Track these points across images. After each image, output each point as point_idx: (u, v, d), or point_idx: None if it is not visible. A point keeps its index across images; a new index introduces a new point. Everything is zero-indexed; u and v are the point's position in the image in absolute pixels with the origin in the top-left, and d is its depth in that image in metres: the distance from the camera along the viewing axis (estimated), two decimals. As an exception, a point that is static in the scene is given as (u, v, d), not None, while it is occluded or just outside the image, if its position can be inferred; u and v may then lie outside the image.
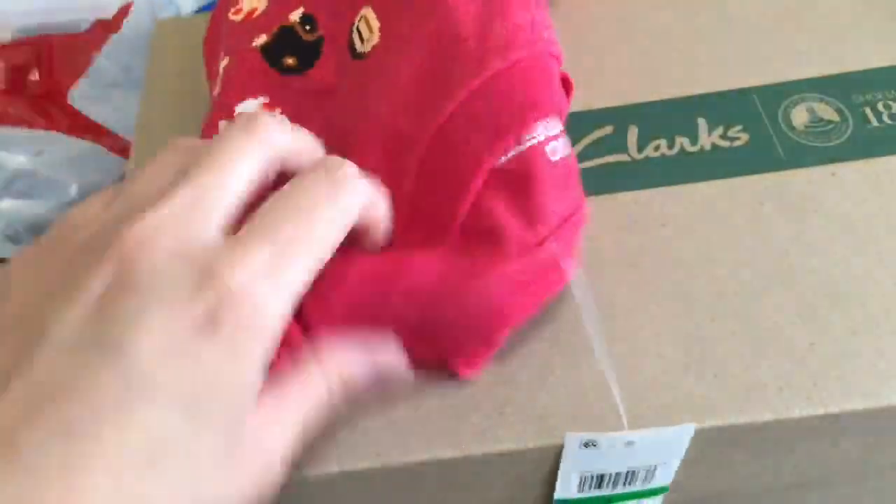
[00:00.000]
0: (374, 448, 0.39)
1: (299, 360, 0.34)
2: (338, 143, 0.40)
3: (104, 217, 0.31)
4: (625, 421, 0.39)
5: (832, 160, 0.47)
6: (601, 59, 0.54)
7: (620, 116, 0.50)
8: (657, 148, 0.49)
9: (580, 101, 0.51)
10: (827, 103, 0.49)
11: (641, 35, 0.55)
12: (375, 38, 0.45)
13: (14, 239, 0.73)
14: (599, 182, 0.47)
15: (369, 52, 0.45)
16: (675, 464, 0.41)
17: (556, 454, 0.39)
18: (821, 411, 0.39)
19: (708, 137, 0.49)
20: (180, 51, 0.60)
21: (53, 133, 0.77)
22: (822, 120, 0.49)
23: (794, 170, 0.47)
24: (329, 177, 0.33)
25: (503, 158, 0.39)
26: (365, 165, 0.36)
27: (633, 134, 0.49)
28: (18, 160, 0.77)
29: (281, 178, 0.34)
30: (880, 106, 0.49)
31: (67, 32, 0.77)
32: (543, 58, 0.41)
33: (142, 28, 0.75)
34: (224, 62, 0.50)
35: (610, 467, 0.41)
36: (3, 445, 0.25)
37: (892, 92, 0.49)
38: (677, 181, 0.47)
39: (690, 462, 0.42)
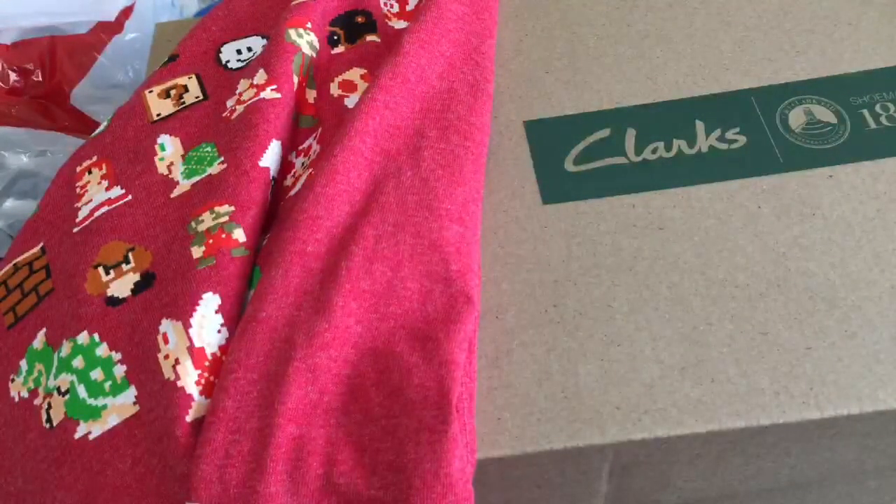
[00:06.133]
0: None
1: None
2: None
3: None
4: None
5: (830, 162, 0.47)
6: (598, 61, 0.54)
7: (618, 119, 0.50)
8: (655, 150, 0.49)
9: (578, 104, 0.51)
10: (825, 105, 0.49)
11: (639, 37, 0.55)
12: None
13: (17, 239, 0.74)
14: (597, 185, 0.47)
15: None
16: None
17: (554, 459, 0.40)
18: (817, 415, 0.39)
19: (706, 140, 0.49)
20: (180, 54, 0.60)
21: (56, 133, 0.77)
22: (819, 122, 0.49)
23: (792, 172, 0.47)
24: None
25: None
26: None
27: (630, 137, 0.49)
28: (21, 160, 0.77)
29: None
30: (878, 108, 0.49)
31: (70, 34, 0.77)
32: None
33: (143, 30, 0.75)
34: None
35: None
36: None
37: (891, 93, 0.49)
38: (675, 184, 0.47)
39: (689, 465, 0.42)
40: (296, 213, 0.43)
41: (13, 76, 0.77)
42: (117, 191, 0.49)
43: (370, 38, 0.55)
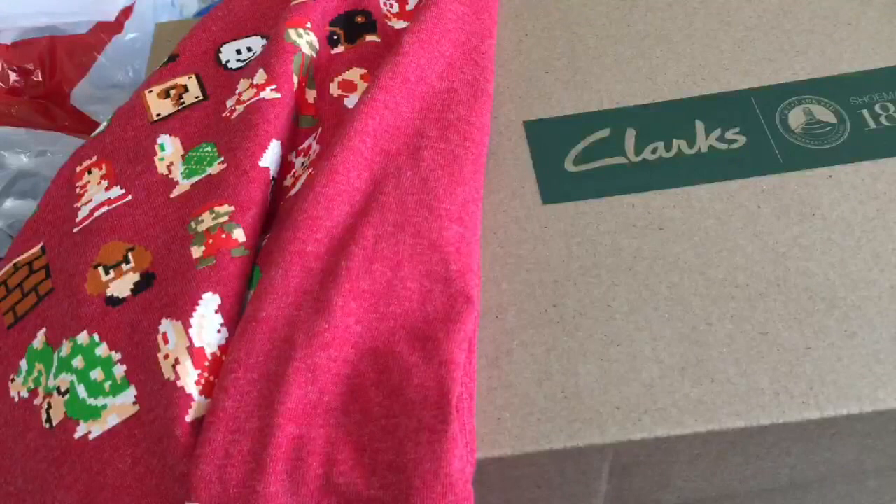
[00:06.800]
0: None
1: None
2: None
3: None
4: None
5: (829, 162, 0.47)
6: (598, 61, 0.54)
7: (618, 119, 0.50)
8: (655, 150, 0.49)
9: (578, 104, 0.51)
10: (825, 105, 0.49)
11: (639, 37, 0.55)
12: None
13: (17, 239, 0.74)
14: (597, 185, 0.47)
15: None
16: None
17: (553, 459, 0.40)
18: (817, 415, 0.39)
19: (705, 140, 0.49)
20: (180, 54, 0.60)
21: (56, 133, 0.77)
22: (819, 122, 0.49)
23: (792, 172, 0.47)
24: None
25: None
26: None
27: (630, 137, 0.49)
28: (21, 160, 0.77)
29: None
30: (878, 108, 0.49)
31: (70, 34, 0.77)
32: None
33: (143, 30, 0.75)
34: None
35: None
36: None
37: (891, 93, 0.49)
38: (675, 184, 0.47)
39: (688, 465, 0.42)
40: (296, 213, 0.43)
41: (13, 76, 0.77)
42: (117, 191, 0.49)
43: (370, 38, 0.55)
